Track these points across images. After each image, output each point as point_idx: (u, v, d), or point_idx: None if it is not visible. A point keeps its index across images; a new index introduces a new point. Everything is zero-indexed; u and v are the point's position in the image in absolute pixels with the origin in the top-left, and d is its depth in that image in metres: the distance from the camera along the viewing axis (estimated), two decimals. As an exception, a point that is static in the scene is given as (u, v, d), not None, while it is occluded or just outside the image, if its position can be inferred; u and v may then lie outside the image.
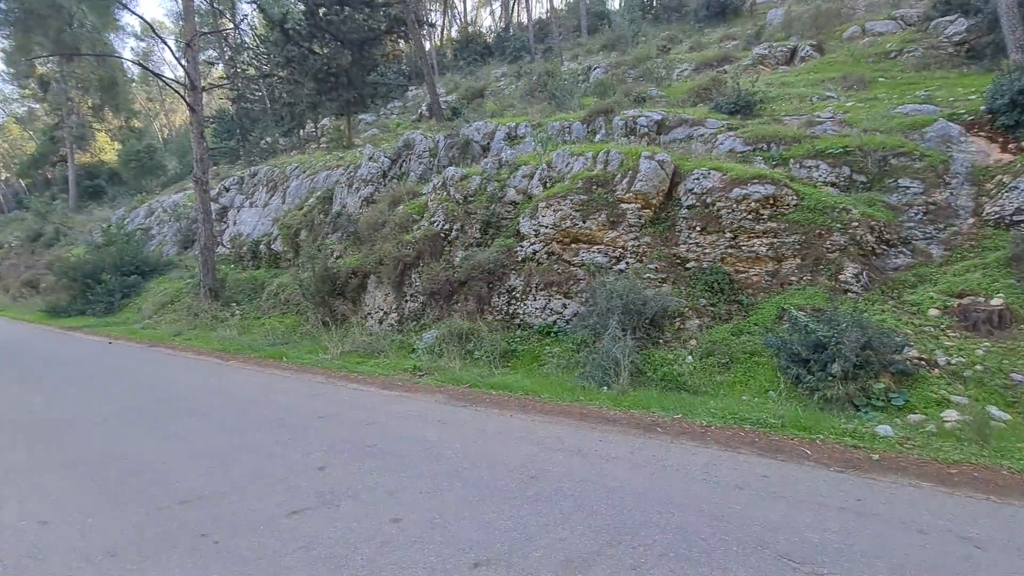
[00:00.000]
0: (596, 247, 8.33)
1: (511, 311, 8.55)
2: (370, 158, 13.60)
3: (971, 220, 7.63)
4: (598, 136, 11.28)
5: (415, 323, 9.48)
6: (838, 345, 5.45)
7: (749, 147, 9.42)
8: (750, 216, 7.78)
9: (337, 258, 11.68)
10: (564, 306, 8.05)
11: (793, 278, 7.37)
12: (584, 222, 8.39)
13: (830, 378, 5.39)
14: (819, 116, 10.09)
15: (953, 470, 3.67)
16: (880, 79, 12.02)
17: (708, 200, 8.10)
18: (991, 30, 11.44)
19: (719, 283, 7.59)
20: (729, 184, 8.04)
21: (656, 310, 7.12)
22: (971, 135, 8.66)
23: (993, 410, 4.86)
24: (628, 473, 3.62)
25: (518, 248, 8.87)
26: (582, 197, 8.56)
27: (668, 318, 7.32)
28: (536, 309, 8.24)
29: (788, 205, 7.81)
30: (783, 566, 2.55)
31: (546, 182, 9.35)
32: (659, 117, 10.81)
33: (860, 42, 14.56)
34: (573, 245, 8.48)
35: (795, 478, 3.57)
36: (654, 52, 17.22)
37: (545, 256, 8.59)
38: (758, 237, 7.75)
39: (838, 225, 7.50)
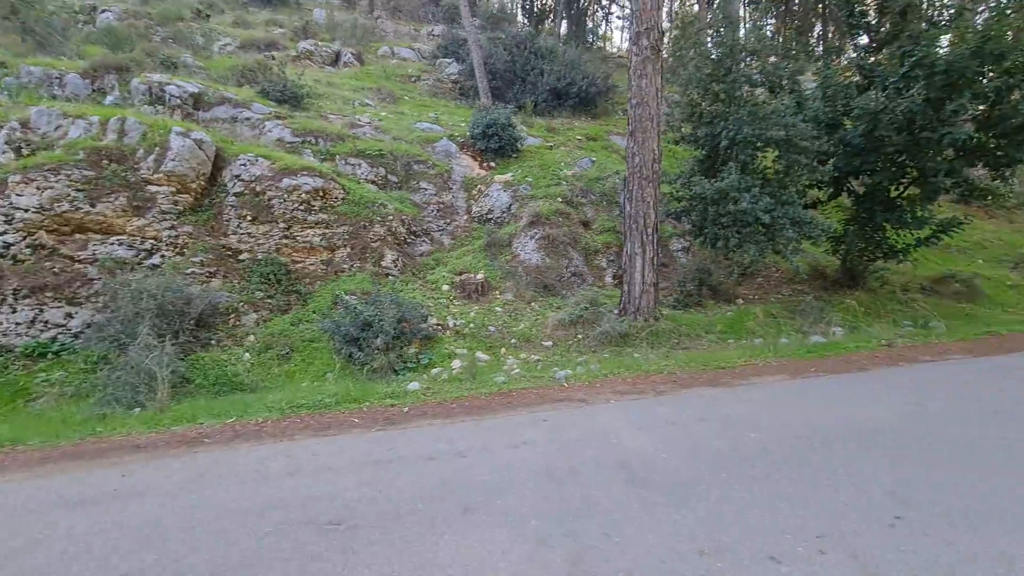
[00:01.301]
0: (116, 238, 6.66)
1: (-34, 332, 5.83)
2: None
3: (465, 217, 10.23)
4: (110, 98, 8.98)
5: None
6: (381, 322, 6.30)
7: (298, 138, 9.56)
8: (302, 207, 7.94)
9: None
10: (69, 316, 6.11)
11: (345, 266, 7.99)
12: (93, 206, 6.55)
13: (376, 351, 6.18)
14: (360, 120, 11.24)
15: (454, 404, 4.88)
16: (406, 97, 14.43)
17: (258, 188, 7.77)
18: (472, 77, 15.52)
19: (276, 274, 7.44)
20: (279, 173, 7.94)
21: (204, 308, 6.35)
22: (463, 153, 11.56)
23: (480, 355, 6.73)
24: (158, 507, 3.08)
25: (-28, 240, 6.10)
26: (87, 173, 6.64)
27: (220, 315, 6.66)
28: (17, 324, 5.92)
29: (337, 198, 8.37)
30: (328, 533, 2.75)
31: (20, 148, 6.76)
32: (196, 90, 9.54)
33: (391, 61, 17.02)
34: (78, 236, 6.51)
35: (343, 447, 3.91)
36: (188, 14, 15.01)
37: (28, 251, 6.25)
38: (311, 228, 8.00)
39: (378, 218, 8.60)
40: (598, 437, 3.89)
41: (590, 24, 28.86)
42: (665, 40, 8.81)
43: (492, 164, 11.53)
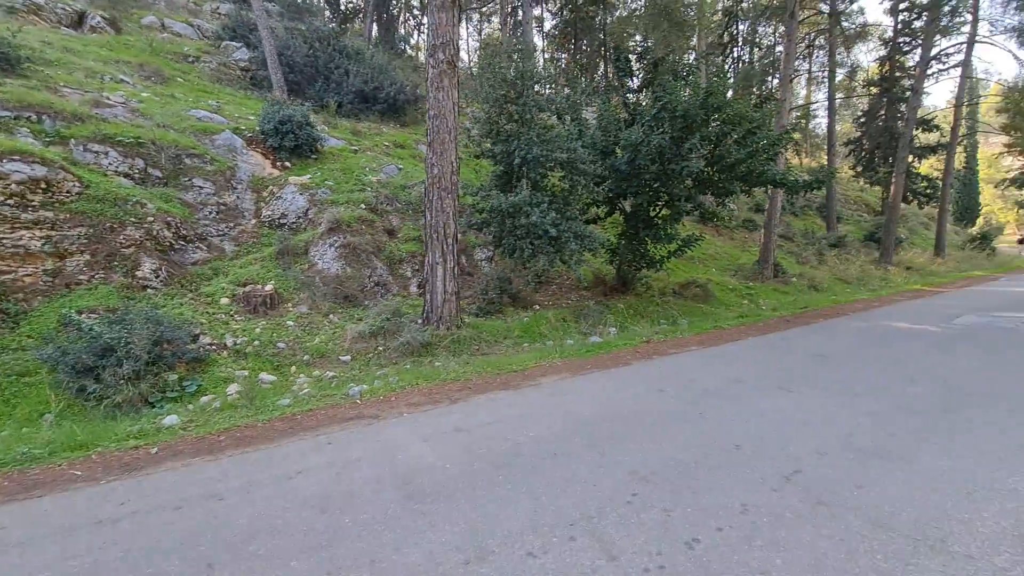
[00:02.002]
0: None
1: None
2: None
3: (253, 221, 9.15)
4: None
5: None
6: (128, 345, 5.20)
7: (9, 112, 7.43)
8: (12, 201, 6.17)
9: None
10: None
11: (83, 277, 6.45)
12: None
13: (121, 382, 5.07)
14: (110, 98, 9.26)
15: (223, 437, 4.24)
16: (179, 79, 12.38)
17: (-67, 174, 5.80)
18: (265, 66, 14.06)
19: (-36, 289, 5.62)
20: (-29, 156, 6.05)
21: None
22: (251, 149, 10.35)
23: (264, 375, 6.02)
24: None
25: None
26: None
27: None
28: None
29: (69, 192, 6.73)
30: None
31: None
32: None
33: (160, 35, 14.46)
34: None
35: (47, 511, 3.07)
36: None
37: None
38: (28, 228, 6.27)
39: (133, 219, 7.15)
40: (383, 455, 3.75)
41: (402, 31, 28.69)
42: (472, 57, 9.15)
43: (287, 164, 10.56)
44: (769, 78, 28.09)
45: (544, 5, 30.36)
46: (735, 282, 13.89)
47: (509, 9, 24.01)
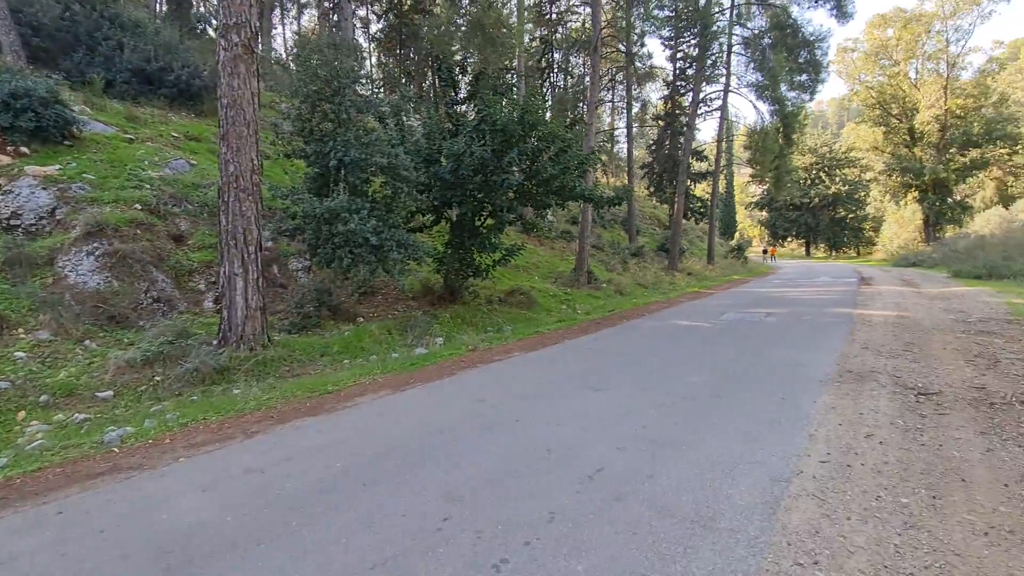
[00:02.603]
0: None
1: None
2: None
3: (-37, 221, 6.92)
4: None
5: None
6: None
7: None
8: None
9: None
10: None
11: None
12: None
13: None
14: None
15: None
16: None
17: None
18: (-9, 23, 10.90)
19: None
20: None
21: None
22: (-38, 127, 7.86)
23: (-30, 428, 4.49)
24: None
25: None
26: None
27: None
28: None
29: None
30: None
31: None
32: None
33: None
34: None
35: None
36: None
37: None
38: None
39: None
40: (139, 518, 2.99)
41: (201, 9, 25.01)
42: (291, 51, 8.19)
43: (24, 150, 8.28)
44: (580, 104, 31.28)
45: (370, 7, 29.40)
46: (555, 289, 14.94)
47: (329, 4, 22.62)
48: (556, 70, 32.91)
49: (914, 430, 4.00)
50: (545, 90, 29.17)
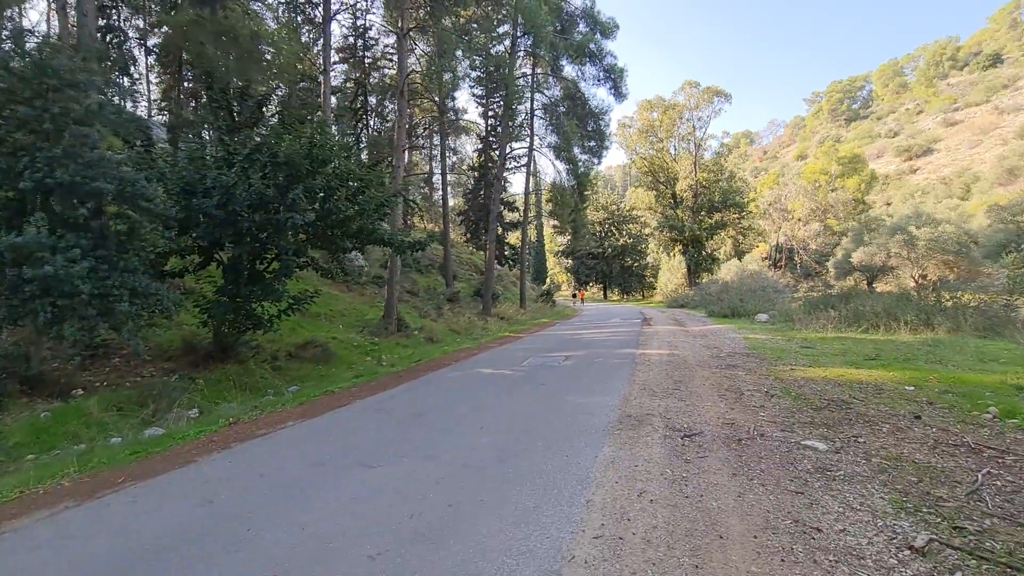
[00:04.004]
0: None
1: None
2: None
3: None
4: None
5: None
6: None
7: None
8: None
9: None
10: None
11: None
12: None
13: None
14: None
15: None
16: None
17: None
18: None
19: None
20: None
21: None
22: None
23: None
24: None
25: None
26: None
27: None
28: None
29: None
30: None
31: None
32: None
33: None
34: None
35: None
36: None
37: None
38: None
39: None
40: None
41: None
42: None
43: None
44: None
45: (146, 17, 25.29)
46: (361, 339, 13.74)
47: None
48: (372, 114, 32.36)
49: (680, 480, 4.06)
50: (359, 131, 28.31)
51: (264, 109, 9.98)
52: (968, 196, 58.72)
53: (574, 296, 48.29)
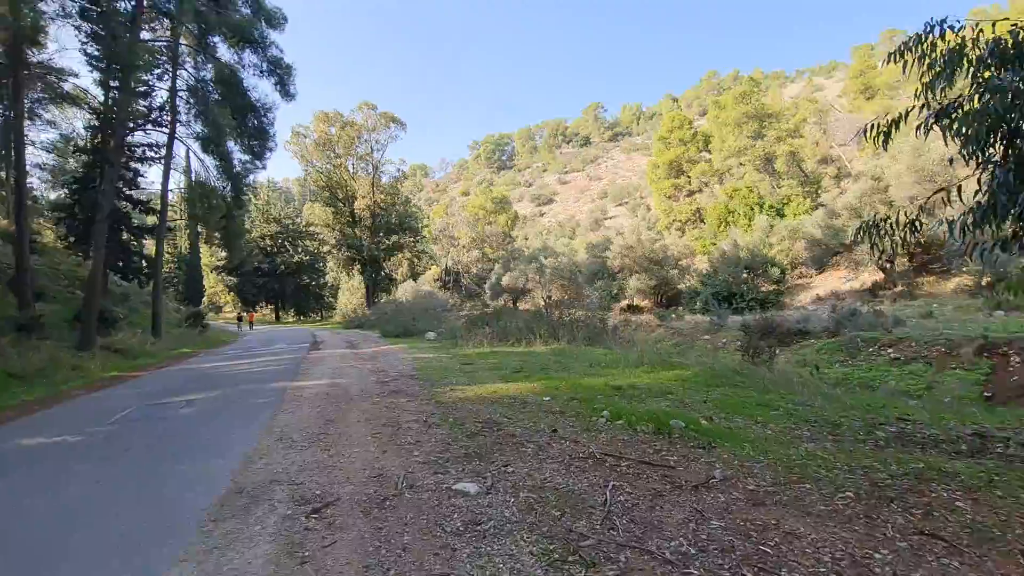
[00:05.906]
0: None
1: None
2: None
3: None
4: None
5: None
6: None
7: None
8: None
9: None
10: None
11: None
12: None
13: None
14: None
15: None
16: None
17: None
18: None
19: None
20: None
21: None
22: None
23: None
24: None
25: None
26: None
27: None
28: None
29: None
30: None
31: None
32: None
33: None
34: None
35: None
36: None
37: None
38: None
39: None
40: None
41: None
42: None
43: None
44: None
45: None
46: None
47: None
48: None
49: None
50: None
51: None
52: (575, 236, 78.35)
53: (239, 319, 41.23)
